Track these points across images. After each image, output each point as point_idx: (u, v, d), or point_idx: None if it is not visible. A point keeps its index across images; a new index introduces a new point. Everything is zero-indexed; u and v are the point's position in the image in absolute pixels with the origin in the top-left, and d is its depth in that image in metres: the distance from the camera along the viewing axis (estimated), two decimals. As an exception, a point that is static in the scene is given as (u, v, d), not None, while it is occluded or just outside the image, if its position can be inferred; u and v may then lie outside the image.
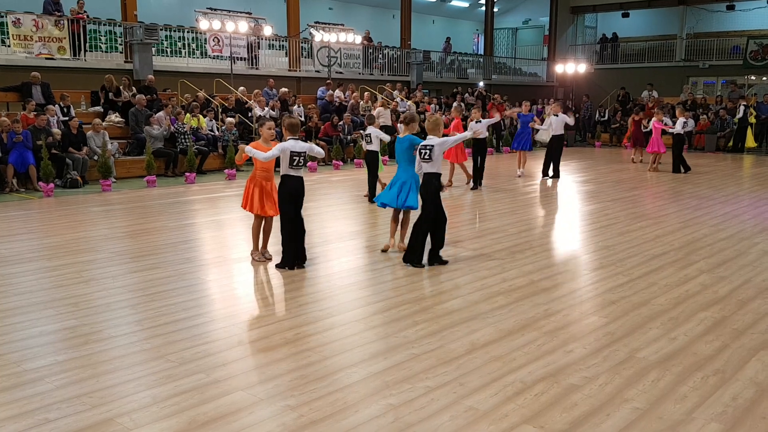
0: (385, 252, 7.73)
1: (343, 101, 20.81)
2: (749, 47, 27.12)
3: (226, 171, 14.95)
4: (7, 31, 16.08)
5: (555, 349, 4.81)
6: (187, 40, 20.67)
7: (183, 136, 15.20)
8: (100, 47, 18.62)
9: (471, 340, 4.98)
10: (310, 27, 23.84)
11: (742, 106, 22.00)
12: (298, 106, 19.06)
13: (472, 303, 5.90)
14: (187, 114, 16.10)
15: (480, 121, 12.76)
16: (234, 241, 8.60)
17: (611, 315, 5.60)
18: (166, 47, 20.19)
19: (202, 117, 16.54)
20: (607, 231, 9.15)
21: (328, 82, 21.38)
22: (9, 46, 16.15)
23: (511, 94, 27.71)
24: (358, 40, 24.16)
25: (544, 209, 11.33)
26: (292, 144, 6.74)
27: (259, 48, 21.75)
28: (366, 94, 21.30)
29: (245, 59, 21.21)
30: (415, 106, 21.47)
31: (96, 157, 13.63)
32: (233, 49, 20.20)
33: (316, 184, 13.78)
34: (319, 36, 23.24)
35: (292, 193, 6.84)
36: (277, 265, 7.05)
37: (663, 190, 13.52)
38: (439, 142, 7.03)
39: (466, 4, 33.95)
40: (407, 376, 4.32)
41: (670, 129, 16.31)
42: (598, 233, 9.05)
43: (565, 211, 11.34)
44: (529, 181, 14.58)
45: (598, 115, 26.46)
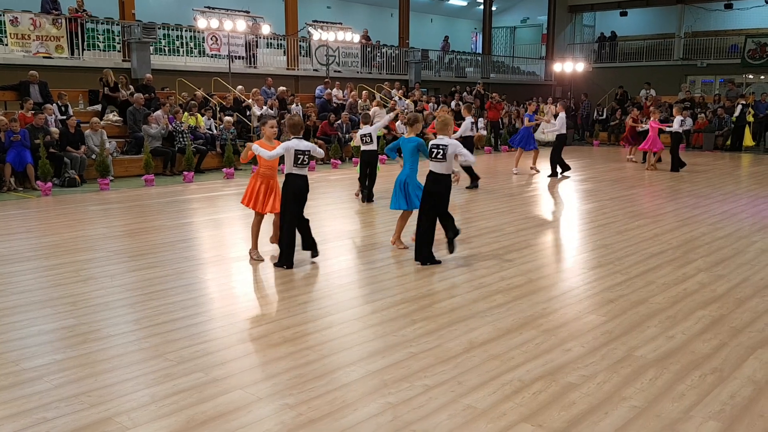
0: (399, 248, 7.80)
1: (342, 100, 20.81)
2: (747, 46, 27.16)
3: (224, 170, 14.94)
4: (5, 30, 16.04)
5: (553, 348, 4.81)
6: (185, 38, 20.65)
7: (181, 135, 15.19)
8: (98, 46, 18.59)
9: (469, 338, 4.99)
10: (308, 26, 23.84)
11: (739, 106, 22.02)
12: (297, 105, 19.04)
13: (470, 301, 5.90)
14: (185, 113, 16.08)
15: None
16: (232, 240, 8.60)
17: (609, 313, 5.60)
18: (164, 46, 20.17)
19: (200, 116, 16.53)
20: (605, 230, 9.16)
21: (327, 80, 21.38)
22: (6, 45, 16.11)
23: (510, 92, 27.73)
24: (357, 38, 24.16)
25: (541, 208, 11.33)
26: (296, 143, 6.81)
27: (257, 47, 21.74)
28: (364, 93, 21.29)
29: (243, 58, 21.19)
30: (413, 105, 21.47)
31: (94, 156, 13.62)
32: (231, 48, 20.18)
33: (315, 183, 13.65)
34: (317, 35, 23.23)
35: (297, 192, 6.88)
36: (276, 264, 7.06)
37: (661, 188, 13.54)
38: (453, 144, 6.93)
39: (464, 3, 33.95)
40: (405, 375, 4.33)
41: (668, 127, 16.33)
42: (596, 232, 9.06)
43: (563, 209, 11.35)
44: (528, 180, 14.59)
45: (596, 114, 26.48)
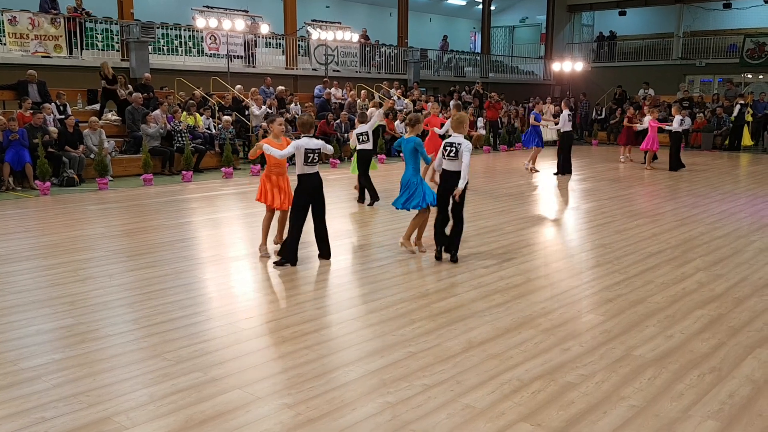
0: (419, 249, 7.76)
1: (341, 100, 20.79)
2: (746, 45, 27.18)
3: (223, 169, 14.92)
4: (3, 29, 16.01)
5: (552, 347, 4.82)
6: (184, 38, 20.63)
7: (180, 135, 15.18)
8: (97, 45, 18.57)
9: (468, 338, 4.99)
10: (307, 25, 23.83)
11: (738, 105, 22.03)
12: (295, 105, 19.01)
13: (469, 301, 5.90)
14: (184, 112, 16.07)
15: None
16: (231, 240, 8.60)
17: (608, 313, 5.61)
18: (163, 45, 20.15)
19: (198, 115, 16.51)
20: (604, 229, 9.16)
21: (325, 80, 21.37)
22: (5, 44, 16.08)
23: (508, 92, 27.73)
24: (355, 38, 24.14)
25: (540, 207, 11.33)
26: (305, 141, 6.93)
27: (255, 46, 21.72)
28: (363, 92, 21.29)
29: (242, 57, 21.17)
30: (412, 105, 21.47)
31: (92, 156, 13.60)
32: (230, 47, 20.16)
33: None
34: (316, 34, 23.22)
35: (310, 191, 6.99)
36: (275, 263, 7.07)
37: (659, 188, 13.54)
38: (466, 144, 6.88)
39: (463, 2, 33.93)
40: (404, 374, 4.33)
41: (667, 127, 16.35)
42: (594, 231, 9.06)
43: (562, 209, 11.35)
44: (526, 180, 14.59)
45: (594, 114, 26.48)
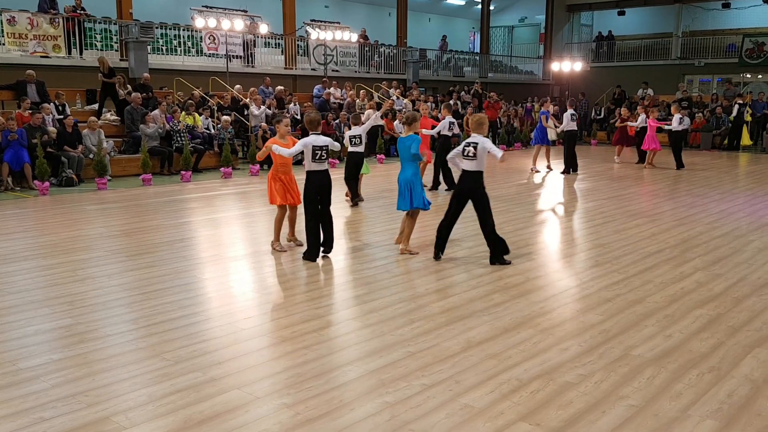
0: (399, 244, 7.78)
1: (340, 100, 20.78)
2: (745, 45, 27.19)
3: (222, 169, 14.91)
4: (2, 29, 16.00)
5: (550, 347, 4.82)
6: (183, 38, 20.62)
7: (178, 135, 15.17)
8: (96, 45, 18.56)
9: (467, 337, 4.99)
10: (306, 25, 23.82)
11: (736, 105, 22.04)
12: (295, 105, 19.00)
13: (467, 301, 5.90)
14: (183, 112, 16.06)
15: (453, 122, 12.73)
16: (230, 240, 8.60)
17: (606, 313, 5.61)
18: (162, 45, 20.15)
19: (197, 115, 16.50)
20: (603, 229, 9.16)
21: (325, 80, 21.36)
22: (4, 45, 16.07)
23: (507, 92, 27.73)
24: (354, 38, 24.13)
25: (539, 207, 11.33)
26: (313, 139, 7.05)
27: (254, 46, 21.71)
28: (362, 92, 21.29)
29: (241, 57, 21.16)
30: (411, 104, 21.46)
31: (91, 156, 13.60)
32: (229, 47, 20.15)
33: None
34: (315, 34, 23.21)
35: (320, 187, 7.11)
36: (304, 256, 7.29)
37: (658, 188, 13.54)
38: (483, 141, 6.86)
39: (462, 2, 33.94)
40: (403, 374, 4.33)
41: (666, 126, 16.38)
42: (593, 231, 9.06)
43: (561, 208, 11.35)
44: (525, 180, 14.59)
45: (593, 114, 26.48)
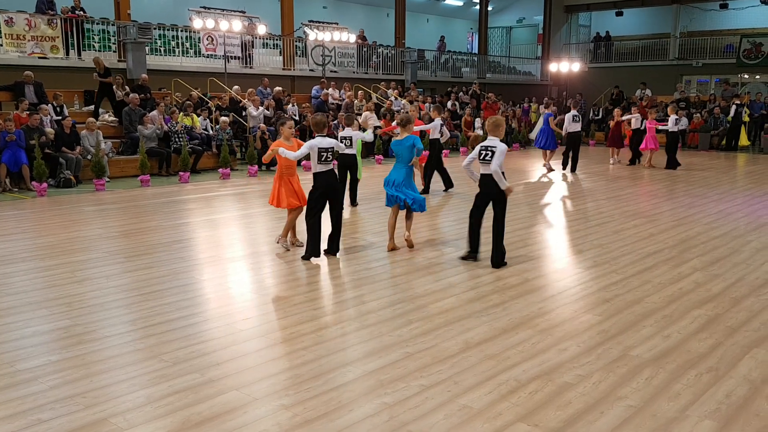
0: (394, 250, 7.76)
1: (338, 100, 20.78)
2: (742, 45, 27.24)
3: (220, 170, 14.91)
4: (0, 30, 15.97)
5: (549, 348, 4.82)
6: (181, 39, 20.60)
7: (177, 136, 15.16)
8: (94, 46, 18.55)
9: (465, 338, 4.99)
10: (304, 26, 23.81)
11: (734, 106, 22.07)
12: (293, 105, 19.00)
13: (466, 301, 5.90)
14: (181, 113, 16.05)
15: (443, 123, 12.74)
16: (228, 241, 8.59)
17: (605, 313, 5.61)
18: (160, 46, 20.12)
19: (195, 116, 16.49)
20: (601, 229, 9.17)
21: (323, 81, 21.36)
22: (2, 46, 16.05)
23: (506, 92, 27.75)
24: (353, 38, 24.13)
25: (537, 207, 11.34)
26: (319, 141, 7.10)
27: (253, 47, 21.70)
28: (360, 93, 21.29)
29: (239, 58, 21.15)
30: (410, 105, 21.46)
31: (89, 157, 13.58)
32: (227, 48, 20.13)
33: (311, 183, 13.69)
34: (313, 35, 23.21)
35: (326, 188, 7.17)
36: (303, 257, 7.30)
37: (657, 188, 13.56)
38: (501, 147, 6.79)
39: (460, 3, 33.95)
40: (402, 375, 4.32)
41: (663, 126, 16.45)
42: (591, 231, 9.07)
43: (559, 209, 11.36)
44: (524, 179, 14.60)
45: (591, 114, 26.51)
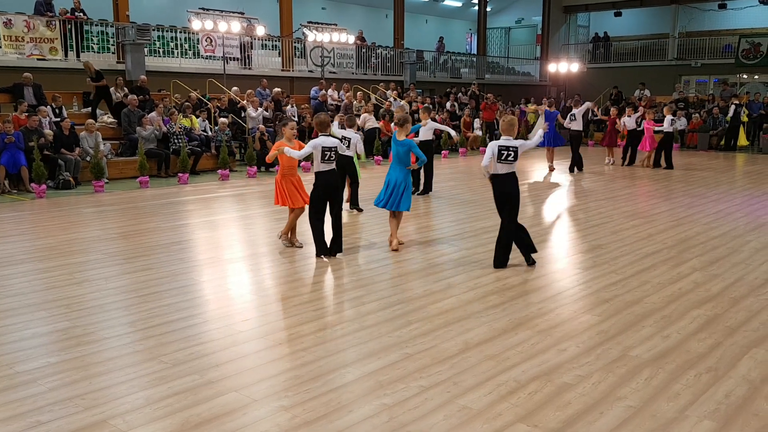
0: (396, 251, 7.77)
1: (337, 101, 20.79)
2: (741, 45, 27.25)
3: (219, 171, 14.91)
4: (-1, 32, 15.99)
5: (548, 348, 4.82)
6: (180, 40, 20.58)
7: (176, 137, 15.16)
8: (92, 48, 18.54)
9: (464, 339, 4.99)
10: (303, 27, 23.81)
11: (733, 106, 22.08)
12: (292, 106, 19.00)
13: (465, 302, 5.90)
14: (180, 114, 16.04)
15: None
16: (227, 242, 8.59)
17: (604, 313, 5.61)
18: (159, 47, 20.11)
19: (194, 117, 16.49)
20: (600, 230, 9.17)
21: (322, 82, 21.36)
22: (0, 47, 16.05)
23: (505, 93, 27.76)
24: (351, 39, 24.12)
25: (536, 208, 11.34)
26: (322, 140, 7.22)
27: (251, 48, 21.69)
28: (359, 93, 21.29)
29: (238, 59, 21.15)
30: (408, 106, 21.47)
31: (88, 158, 13.57)
32: (226, 50, 20.13)
33: (310, 183, 13.70)
34: (312, 36, 23.21)
35: (327, 187, 7.27)
36: (317, 254, 7.41)
37: (655, 188, 13.56)
38: (521, 144, 6.82)
39: (459, 4, 33.97)
40: (401, 376, 4.32)
41: (658, 127, 16.52)
42: (590, 232, 9.07)
43: (558, 209, 11.36)
44: (524, 180, 14.59)
45: (590, 115, 26.48)
